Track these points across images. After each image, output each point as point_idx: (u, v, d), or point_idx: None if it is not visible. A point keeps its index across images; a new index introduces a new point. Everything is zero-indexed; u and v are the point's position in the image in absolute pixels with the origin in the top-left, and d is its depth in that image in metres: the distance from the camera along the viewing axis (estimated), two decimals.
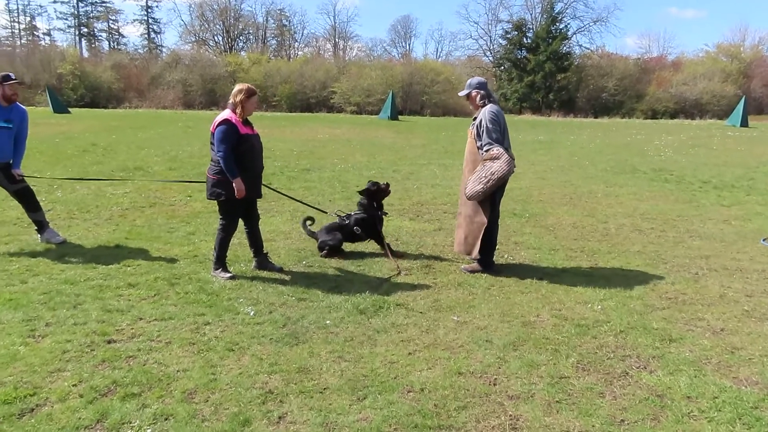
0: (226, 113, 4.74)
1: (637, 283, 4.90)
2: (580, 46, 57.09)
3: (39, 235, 5.95)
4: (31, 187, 6.06)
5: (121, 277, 4.77)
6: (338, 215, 6.03)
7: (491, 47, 60.02)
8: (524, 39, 53.46)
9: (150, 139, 17.64)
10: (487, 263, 5.24)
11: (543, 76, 50.15)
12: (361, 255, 5.74)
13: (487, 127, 4.91)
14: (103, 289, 4.47)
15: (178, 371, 3.15)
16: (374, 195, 5.90)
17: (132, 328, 3.73)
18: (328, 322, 3.91)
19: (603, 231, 7.00)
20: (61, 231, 6.34)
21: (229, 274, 4.86)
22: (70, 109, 32.94)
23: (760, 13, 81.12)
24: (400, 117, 33.74)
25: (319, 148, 15.99)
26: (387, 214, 6.15)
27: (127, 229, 6.57)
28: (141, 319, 3.90)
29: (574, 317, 4.09)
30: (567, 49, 52.43)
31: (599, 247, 6.20)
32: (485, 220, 5.06)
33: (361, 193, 5.99)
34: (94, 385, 2.98)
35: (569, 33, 53.56)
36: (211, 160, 4.86)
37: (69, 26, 62.85)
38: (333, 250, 5.67)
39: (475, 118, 5.20)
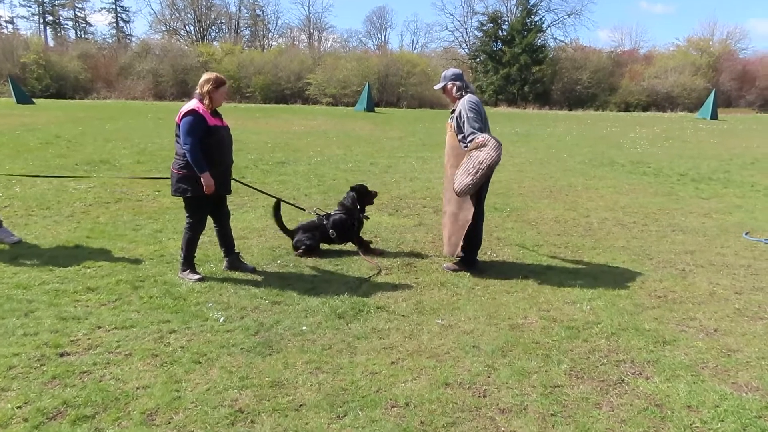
0: (192, 103, 4.42)
1: (624, 281, 4.75)
2: (555, 39, 57.69)
3: None
4: None
5: (79, 281, 4.42)
6: (317, 213, 5.73)
7: (467, 39, 60.13)
8: (500, 31, 53.60)
9: (118, 131, 17.02)
10: (470, 262, 5.04)
11: (518, 68, 50.36)
12: (339, 253, 5.48)
13: (467, 116, 4.69)
14: (59, 294, 4.12)
15: (137, 388, 2.85)
16: (362, 197, 5.60)
17: (89, 339, 3.41)
18: (304, 328, 3.64)
19: (586, 225, 6.87)
20: (18, 230, 5.92)
21: (197, 276, 4.55)
22: (34, 100, 31.76)
23: (728, 9, 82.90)
24: (376, 109, 33.42)
25: (294, 141, 15.62)
26: (368, 218, 5.82)
27: (89, 227, 6.19)
28: (99, 327, 3.58)
29: (564, 319, 3.90)
30: (542, 42, 52.75)
31: (583, 243, 6.05)
32: (470, 217, 4.84)
33: (352, 188, 5.65)
34: (42, 407, 2.66)
35: (544, 26, 53.92)
36: (176, 154, 4.53)
37: (33, 14, 60.62)
38: (309, 250, 5.40)
39: (453, 111, 4.96)
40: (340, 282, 4.59)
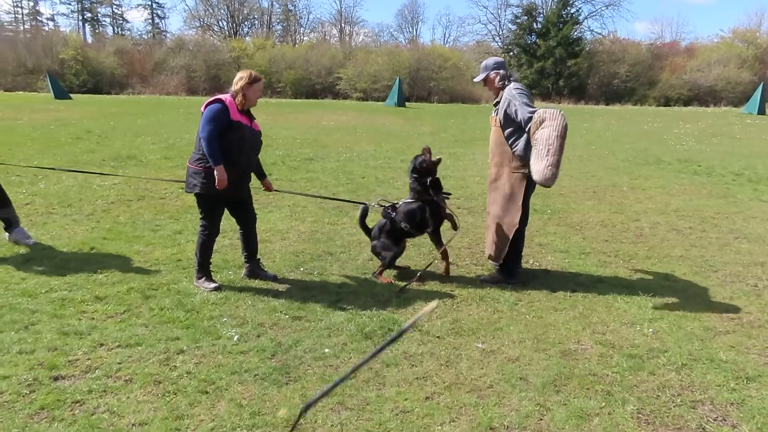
0: (222, 96, 4.10)
1: (689, 298, 4.20)
2: (592, 31, 56.05)
3: (7, 235, 5.30)
4: None
5: (88, 288, 4.11)
6: (381, 205, 4.76)
7: (500, 32, 58.85)
8: (534, 24, 52.26)
9: (148, 126, 16.98)
10: (511, 271, 4.56)
11: (553, 62, 49.04)
12: (369, 257, 5.05)
13: (517, 103, 4.15)
14: (64, 304, 3.81)
15: (133, 425, 2.48)
16: (425, 169, 4.53)
17: (88, 359, 3.07)
18: (326, 350, 3.23)
19: (636, 231, 6.29)
20: (36, 228, 5.70)
21: (213, 285, 4.20)
22: (71, 95, 32.28)
23: None
24: (407, 104, 32.86)
25: (323, 136, 15.27)
26: (450, 194, 4.81)
27: (108, 227, 5.92)
28: (102, 345, 3.24)
29: (623, 344, 3.40)
30: (578, 35, 51.19)
31: (635, 251, 5.49)
32: (516, 221, 4.36)
33: (412, 173, 4.60)
34: None
35: (580, 17, 52.28)
36: (195, 149, 4.20)
37: (72, 11, 61.95)
38: (390, 264, 4.63)
39: (496, 104, 4.48)
40: (367, 294, 4.17)
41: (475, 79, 4.73)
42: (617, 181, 9.42)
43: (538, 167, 3.91)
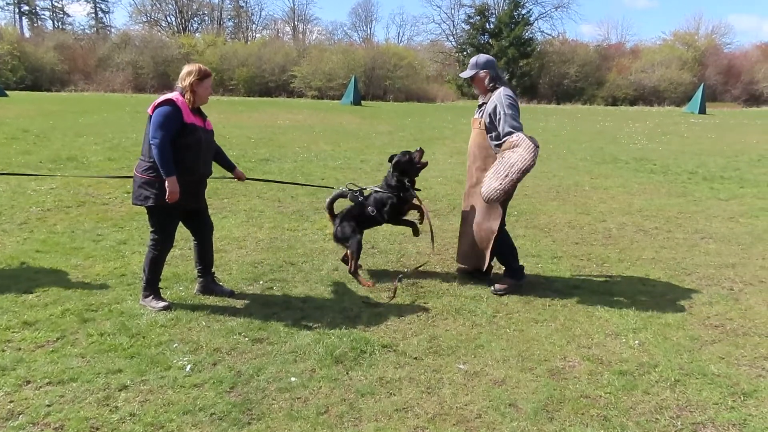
0: (170, 94, 3.67)
1: (668, 305, 4.06)
2: (542, 32, 57.32)
3: None
4: None
5: (15, 312, 3.61)
6: (351, 190, 4.66)
7: (454, 32, 59.36)
8: (487, 24, 52.93)
9: (91, 125, 16.02)
10: (515, 272, 4.37)
11: (506, 61, 49.70)
12: (334, 269, 4.71)
13: (505, 113, 4.01)
14: None
15: None
16: (407, 170, 4.51)
17: (11, 401, 2.61)
18: (293, 379, 2.88)
19: (604, 232, 6.18)
20: None
21: (162, 304, 3.77)
22: (7, 93, 30.37)
23: (710, 4, 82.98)
24: (363, 102, 32.55)
25: (279, 135, 14.77)
26: (419, 190, 4.79)
27: (42, 238, 5.35)
28: (28, 383, 2.78)
29: (611, 359, 3.19)
30: (529, 35, 52.16)
31: (607, 254, 5.36)
32: (495, 227, 4.18)
33: (391, 161, 4.58)
34: None
35: (531, 18, 53.31)
36: (142, 154, 3.77)
37: (8, 3, 58.47)
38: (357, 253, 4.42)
39: (480, 106, 4.26)
40: (335, 309, 3.83)
41: (462, 74, 4.49)
42: (579, 181, 9.40)
43: (490, 185, 4.01)
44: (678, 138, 17.45)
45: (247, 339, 3.32)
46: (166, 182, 3.54)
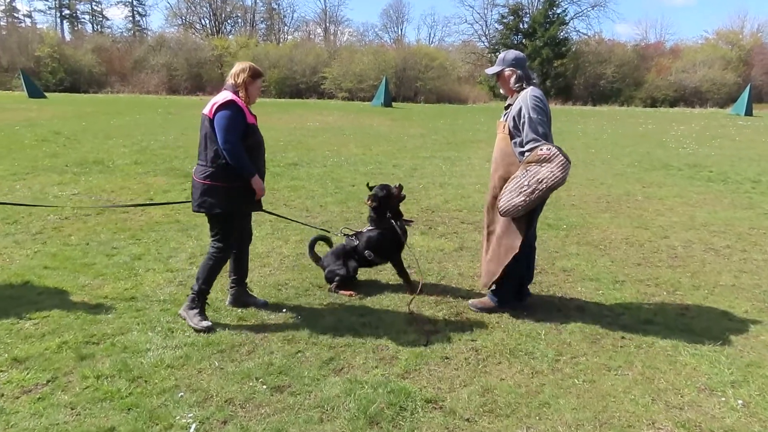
0: (227, 94, 3.45)
1: (764, 347, 3.40)
2: (578, 31, 55.81)
3: None
4: None
5: (8, 344, 3.18)
6: (345, 234, 4.52)
7: (487, 32, 58.38)
8: (521, 24, 51.84)
9: (122, 127, 15.92)
10: (504, 297, 3.91)
11: (540, 62, 48.55)
12: (369, 292, 4.18)
13: (530, 117, 3.50)
14: None
15: None
16: (385, 204, 4.35)
17: None
18: None
19: (669, 251, 5.50)
20: None
21: (205, 324, 3.49)
22: (46, 94, 30.90)
23: (754, 1, 79.65)
24: (393, 104, 32.03)
25: (308, 138, 14.35)
26: (412, 222, 4.65)
27: (53, 251, 4.97)
28: None
29: (713, 427, 2.57)
30: (564, 35, 50.85)
31: (677, 278, 4.69)
32: (516, 244, 3.68)
33: (370, 200, 4.40)
34: None
35: (567, 18, 51.97)
36: (200, 159, 3.54)
37: (50, 8, 60.01)
38: (343, 282, 4.23)
39: (507, 107, 3.75)
40: (368, 347, 3.30)
41: (487, 71, 3.97)
42: (629, 189, 8.66)
43: (511, 198, 3.57)
44: (729, 142, 16.39)
45: (265, 387, 2.80)
46: (252, 182, 3.50)
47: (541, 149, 3.47)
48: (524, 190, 3.49)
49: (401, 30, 63.62)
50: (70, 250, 5.03)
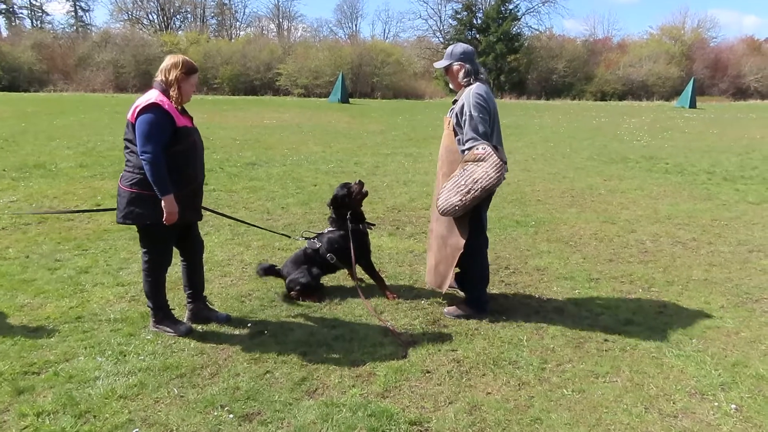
0: (153, 95, 3.05)
1: (748, 346, 3.34)
2: (530, 27, 56.62)
3: None
4: None
5: None
6: (305, 238, 4.28)
7: (441, 27, 58.59)
8: (474, 19, 52.31)
9: (66, 127, 15.06)
10: (478, 303, 3.78)
11: (494, 57, 49.15)
12: (338, 299, 3.94)
13: (470, 115, 3.41)
14: None
15: None
16: (346, 203, 4.13)
17: None
18: None
19: (638, 246, 5.47)
20: None
21: (184, 327, 3.31)
22: None
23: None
24: (350, 100, 31.71)
25: (265, 136, 13.92)
26: (374, 226, 4.43)
27: None
28: None
29: None
30: (517, 30, 51.61)
31: (650, 274, 4.64)
32: (461, 243, 3.59)
33: (330, 204, 4.20)
34: None
35: (519, 13, 52.74)
36: (126, 165, 3.17)
37: None
38: (306, 291, 3.95)
39: (454, 102, 3.62)
40: (344, 363, 3.06)
41: (436, 65, 3.85)
42: (592, 183, 8.70)
43: (448, 198, 3.49)
44: (680, 134, 16.87)
45: (232, 416, 2.52)
46: (163, 202, 3.05)
47: (477, 148, 3.40)
48: (461, 190, 3.42)
49: (356, 26, 63.13)
50: (8, 265, 4.57)
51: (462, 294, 3.98)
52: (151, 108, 3.00)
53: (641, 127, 18.92)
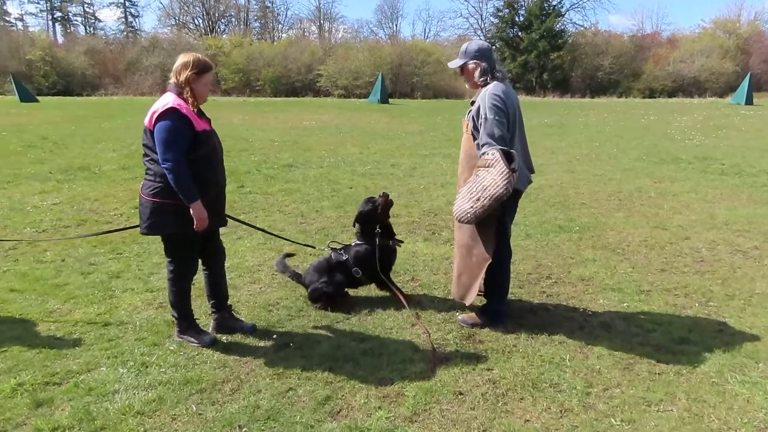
0: (169, 99, 2.91)
1: None
2: (574, 23, 55.49)
3: None
4: None
5: None
6: (332, 248, 4.12)
7: (482, 26, 57.90)
8: (517, 17, 51.37)
9: (113, 131, 15.47)
10: (494, 314, 3.57)
11: (537, 55, 48.19)
12: (369, 310, 3.77)
13: (486, 118, 3.15)
14: None
15: None
16: (372, 218, 3.97)
17: None
18: None
19: (693, 255, 5.08)
20: None
21: (208, 337, 3.23)
22: (39, 98, 30.42)
23: None
24: (390, 100, 31.60)
25: (304, 138, 13.91)
26: (402, 243, 4.21)
27: (24, 271, 4.54)
28: None
29: None
30: (560, 27, 50.41)
31: (708, 286, 4.27)
32: (488, 253, 3.35)
33: (356, 222, 4.07)
34: None
35: (563, 9, 51.50)
36: (147, 174, 3.06)
37: (41, 10, 59.32)
38: (331, 300, 3.81)
39: (472, 103, 3.36)
40: (370, 381, 2.87)
41: (450, 64, 3.58)
42: (641, 186, 8.24)
43: (461, 205, 3.30)
44: (736, 132, 15.96)
45: None
46: (192, 210, 2.96)
47: (487, 153, 3.14)
48: (472, 197, 3.22)
49: (396, 26, 63.08)
50: (42, 269, 4.60)
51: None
52: (169, 113, 2.88)
53: (693, 126, 18.05)
